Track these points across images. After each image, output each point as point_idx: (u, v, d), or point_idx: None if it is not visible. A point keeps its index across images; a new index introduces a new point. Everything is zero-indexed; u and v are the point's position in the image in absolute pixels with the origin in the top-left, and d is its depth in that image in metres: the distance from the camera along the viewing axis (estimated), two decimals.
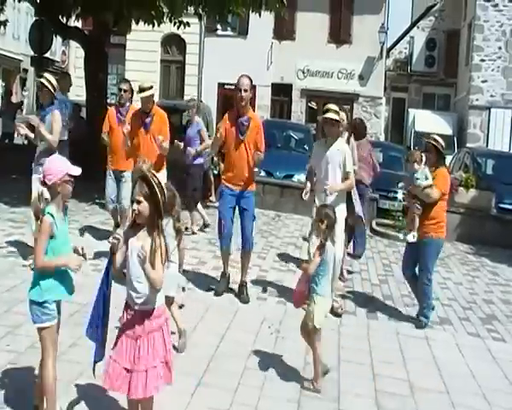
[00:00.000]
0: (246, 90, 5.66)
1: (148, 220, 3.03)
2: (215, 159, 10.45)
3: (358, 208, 6.41)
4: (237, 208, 5.91)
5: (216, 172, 10.36)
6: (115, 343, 3.13)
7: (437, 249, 5.80)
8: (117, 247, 3.05)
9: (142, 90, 6.01)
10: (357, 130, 7.53)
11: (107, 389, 3.23)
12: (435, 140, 5.72)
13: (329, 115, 5.61)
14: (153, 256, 2.99)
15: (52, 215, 3.15)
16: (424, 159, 5.73)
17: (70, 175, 3.22)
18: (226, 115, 5.94)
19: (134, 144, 6.16)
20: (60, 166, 3.25)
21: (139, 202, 3.00)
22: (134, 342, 3.07)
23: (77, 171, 3.26)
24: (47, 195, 3.17)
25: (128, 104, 7.06)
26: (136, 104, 7.06)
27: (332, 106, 5.73)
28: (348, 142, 6.58)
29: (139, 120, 6.15)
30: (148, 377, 3.03)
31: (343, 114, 6.55)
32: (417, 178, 5.64)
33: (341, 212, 5.72)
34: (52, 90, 6.06)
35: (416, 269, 5.88)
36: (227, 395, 3.89)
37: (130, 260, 3.06)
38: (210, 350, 4.54)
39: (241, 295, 5.88)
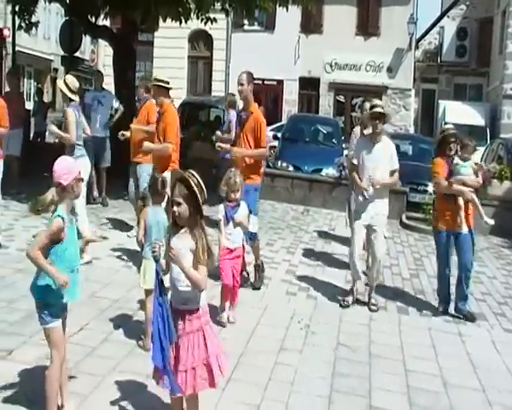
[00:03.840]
0: (242, 84, 5.84)
1: (190, 221, 2.99)
2: None
3: None
4: None
5: None
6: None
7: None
8: (159, 253, 2.97)
9: (154, 80, 6.08)
10: None
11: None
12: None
13: (378, 110, 5.52)
14: (197, 257, 2.95)
15: (63, 218, 3.09)
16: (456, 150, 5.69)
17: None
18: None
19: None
20: (73, 165, 3.25)
21: (179, 204, 2.96)
22: (175, 342, 3.03)
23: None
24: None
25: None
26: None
27: (377, 101, 5.74)
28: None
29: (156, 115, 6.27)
30: (188, 377, 3.01)
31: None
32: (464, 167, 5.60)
33: (386, 206, 5.69)
34: (67, 93, 6.20)
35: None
36: (257, 391, 3.88)
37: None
38: (240, 346, 4.53)
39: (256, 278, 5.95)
